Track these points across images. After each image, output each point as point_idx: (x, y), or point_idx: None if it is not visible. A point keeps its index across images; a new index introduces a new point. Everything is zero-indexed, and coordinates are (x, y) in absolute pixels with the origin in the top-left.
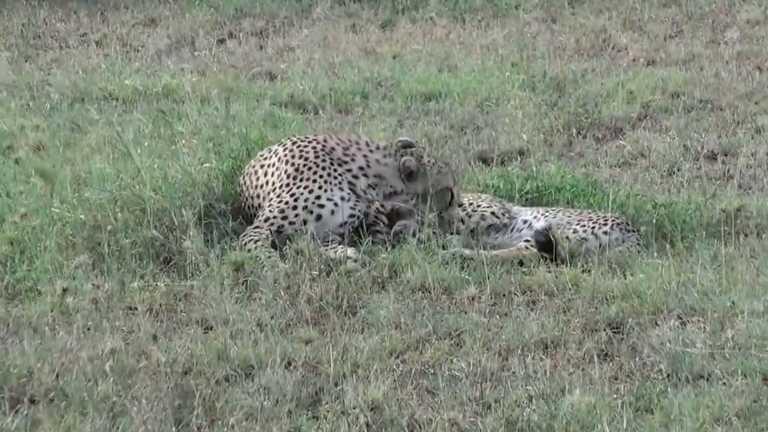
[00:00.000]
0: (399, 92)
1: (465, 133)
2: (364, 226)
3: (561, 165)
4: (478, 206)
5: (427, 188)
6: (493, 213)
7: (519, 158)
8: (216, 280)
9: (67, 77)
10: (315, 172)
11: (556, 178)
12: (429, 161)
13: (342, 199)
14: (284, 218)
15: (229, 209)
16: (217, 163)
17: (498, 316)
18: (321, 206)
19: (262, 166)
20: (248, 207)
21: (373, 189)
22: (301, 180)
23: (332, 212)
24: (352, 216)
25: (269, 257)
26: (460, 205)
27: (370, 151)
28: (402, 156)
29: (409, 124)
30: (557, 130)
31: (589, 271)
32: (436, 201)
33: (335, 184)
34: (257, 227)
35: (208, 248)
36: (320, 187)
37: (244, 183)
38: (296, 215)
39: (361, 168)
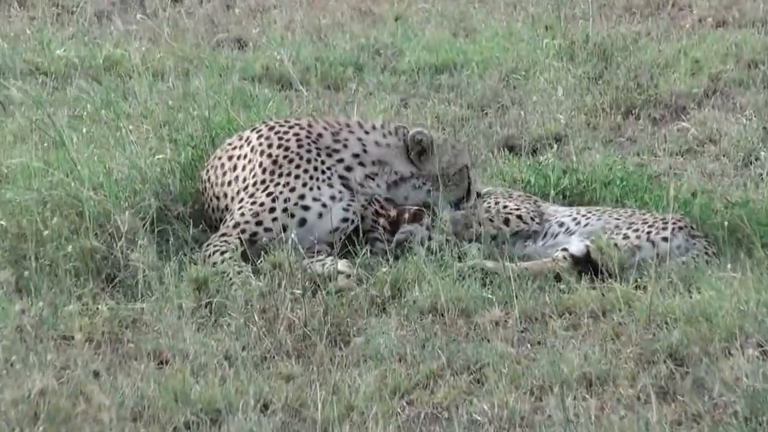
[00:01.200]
0: (403, 63)
1: (486, 114)
2: (360, 232)
3: (608, 153)
4: (504, 207)
5: (442, 168)
6: (519, 217)
7: (555, 145)
8: (172, 302)
9: None
10: (298, 166)
11: (602, 170)
12: (441, 138)
13: (332, 198)
14: (259, 224)
15: (189, 212)
16: (174, 153)
17: (529, 345)
18: (305, 208)
19: (230, 158)
20: (213, 209)
21: (372, 180)
22: (280, 175)
23: (320, 215)
24: (345, 220)
25: (240, 273)
26: (478, 195)
27: (366, 132)
28: (406, 131)
29: (415, 103)
30: (603, 110)
31: (645, 287)
32: (453, 187)
33: (323, 180)
34: (224, 235)
35: (163, 262)
36: (305, 185)
37: (208, 179)
38: (274, 220)
39: (355, 155)
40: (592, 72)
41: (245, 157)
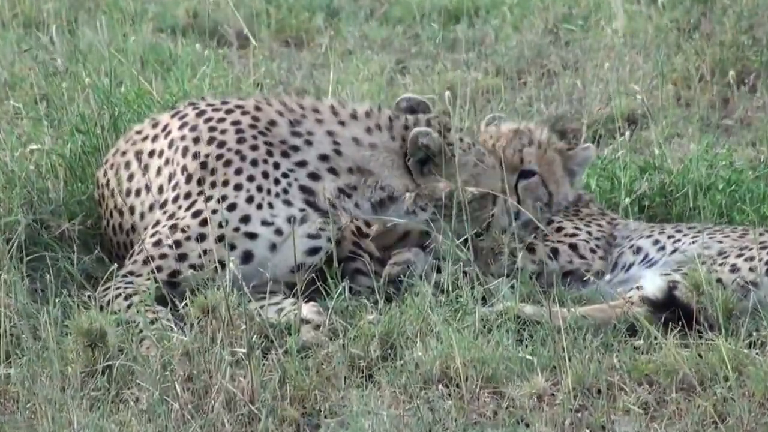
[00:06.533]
0: (399, 7)
1: (525, 83)
2: (335, 261)
3: (708, 143)
4: (558, 229)
5: (454, 189)
6: (573, 248)
7: (628, 131)
8: (53, 365)
9: None
10: (239, 171)
11: (698, 169)
12: (462, 140)
13: (290, 221)
14: (181, 258)
15: (78, 231)
16: (56, 143)
17: (588, 431)
18: (251, 236)
19: (139, 154)
20: (114, 229)
21: (349, 197)
22: (212, 185)
23: (272, 247)
24: (313, 252)
25: (154, 322)
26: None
27: (341, 123)
28: (407, 123)
29: (417, 66)
30: (701, 78)
31: (762, 344)
32: (468, 216)
33: (277, 194)
34: (131, 274)
35: (38, 306)
36: (250, 200)
37: (107, 183)
38: (204, 253)
39: (324, 157)
40: (684, 20)
41: (162, 154)
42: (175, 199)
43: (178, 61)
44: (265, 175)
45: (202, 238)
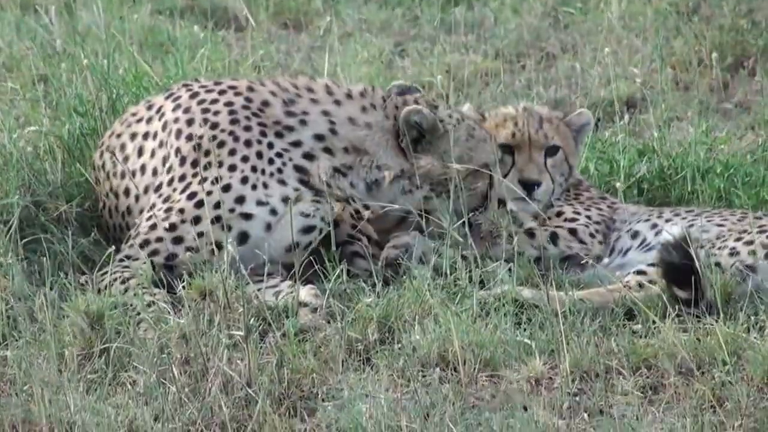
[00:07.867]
0: None
1: (524, 66)
2: (332, 244)
3: (706, 127)
4: (558, 214)
5: (448, 166)
6: (573, 233)
7: (627, 114)
8: (50, 348)
9: None
10: (233, 152)
11: (698, 152)
12: (451, 116)
13: (285, 201)
14: (177, 240)
15: (75, 213)
16: (53, 125)
17: (586, 416)
18: (246, 216)
19: (134, 137)
20: (110, 211)
21: (344, 176)
22: (206, 167)
23: (268, 227)
24: (308, 230)
25: (151, 305)
26: (502, 203)
27: (336, 102)
28: (397, 104)
29: (416, 49)
30: (700, 61)
31: (761, 328)
32: (465, 192)
33: (272, 174)
34: (128, 258)
35: (35, 288)
36: (244, 180)
37: (103, 166)
38: (200, 235)
39: (318, 137)
40: (684, 4)
41: (155, 137)
42: (170, 182)
43: (176, 43)
44: (259, 155)
45: (197, 220)
